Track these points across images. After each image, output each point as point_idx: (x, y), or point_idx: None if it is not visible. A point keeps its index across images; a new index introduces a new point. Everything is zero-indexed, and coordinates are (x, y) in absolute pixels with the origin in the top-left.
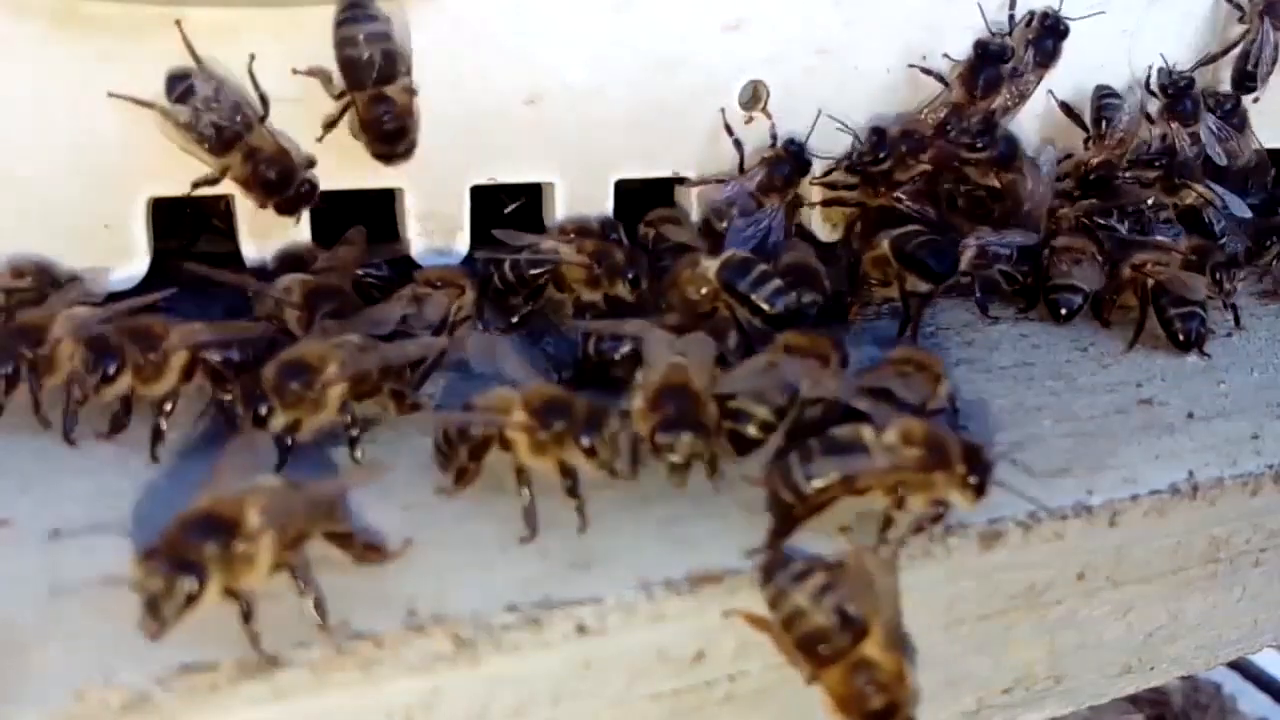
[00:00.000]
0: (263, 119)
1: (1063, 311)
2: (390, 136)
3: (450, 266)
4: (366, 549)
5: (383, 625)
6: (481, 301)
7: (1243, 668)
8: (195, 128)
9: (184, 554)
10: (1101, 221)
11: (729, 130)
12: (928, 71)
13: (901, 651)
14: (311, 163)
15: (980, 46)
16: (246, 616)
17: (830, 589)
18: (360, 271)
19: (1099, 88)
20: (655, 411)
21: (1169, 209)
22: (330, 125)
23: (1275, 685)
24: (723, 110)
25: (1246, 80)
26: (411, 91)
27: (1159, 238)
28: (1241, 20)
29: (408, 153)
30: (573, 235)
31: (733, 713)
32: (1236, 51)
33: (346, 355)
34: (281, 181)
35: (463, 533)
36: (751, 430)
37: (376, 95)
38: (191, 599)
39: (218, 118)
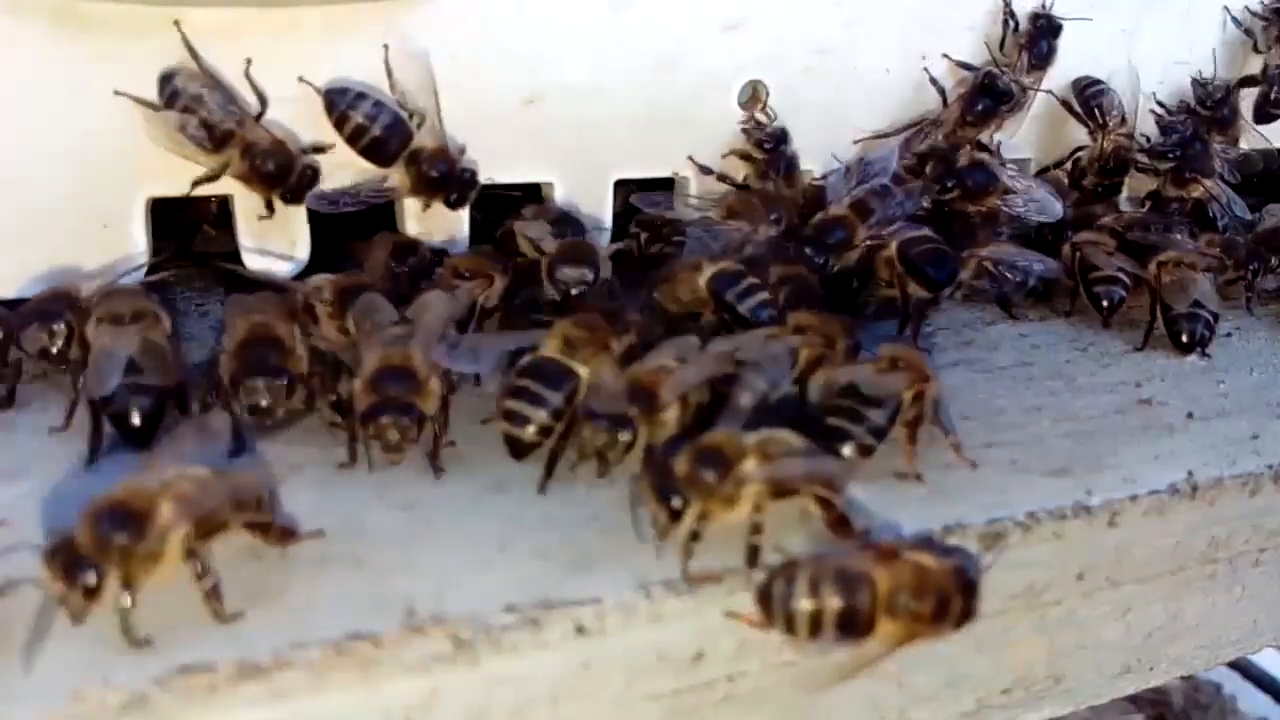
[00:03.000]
0: (258, 117)
1: (1105, 304)
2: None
3: (480, 255)
4: (283, 533)
5: (381, 625)
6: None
7: (1243, 668)
8: (186, 129)
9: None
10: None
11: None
12: (934, 81)
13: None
14: (319, 148)
15: (989, 78)
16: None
17: (819, 576)
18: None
19: (1078, 81)
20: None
21: (1176, 202)
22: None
23: (1275, 685)
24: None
25: (1267, 113)
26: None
27: (1180, 237)
28: (1256, 51)
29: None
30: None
31: (732, 713)
32: (1257, 89)
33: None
34: (281, 172)
35: (462, 533)
36: None
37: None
38: (91, 594)
39: (207, 115)
